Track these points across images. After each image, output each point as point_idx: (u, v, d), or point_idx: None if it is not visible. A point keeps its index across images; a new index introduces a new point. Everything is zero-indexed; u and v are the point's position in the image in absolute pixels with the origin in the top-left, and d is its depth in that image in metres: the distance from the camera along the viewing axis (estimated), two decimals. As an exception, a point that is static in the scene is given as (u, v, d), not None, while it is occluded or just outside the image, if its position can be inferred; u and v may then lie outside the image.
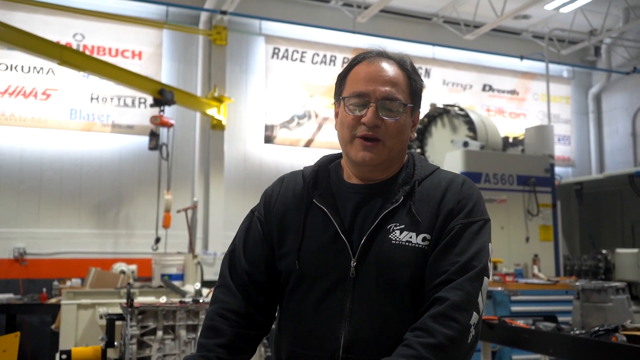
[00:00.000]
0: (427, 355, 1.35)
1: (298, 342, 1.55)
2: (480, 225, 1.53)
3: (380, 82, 1.55)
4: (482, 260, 1.48)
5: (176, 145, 8.93)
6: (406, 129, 1.59)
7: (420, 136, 7.48)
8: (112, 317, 3.11)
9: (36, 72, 8.83)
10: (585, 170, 12.59)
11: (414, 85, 1.61)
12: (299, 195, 1.62)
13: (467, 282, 1.43)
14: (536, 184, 6.53)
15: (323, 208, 1.56)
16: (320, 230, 1.55)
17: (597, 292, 3.37)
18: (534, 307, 4.94)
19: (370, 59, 1.61)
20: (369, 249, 1.50)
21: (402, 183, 1.57)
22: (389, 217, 1.52)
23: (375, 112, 1.53)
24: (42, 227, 8.69)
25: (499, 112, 12.03)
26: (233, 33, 9.95)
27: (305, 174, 1.66)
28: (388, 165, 1.60)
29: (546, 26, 11.39)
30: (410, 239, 1.49)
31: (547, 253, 6.55)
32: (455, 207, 1.52)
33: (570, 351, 3.13)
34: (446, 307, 1.40)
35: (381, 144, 1.54)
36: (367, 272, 1.49)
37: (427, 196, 1.54)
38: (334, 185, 1.62)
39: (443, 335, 1.37)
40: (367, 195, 1.57)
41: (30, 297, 7.59)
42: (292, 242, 1.58)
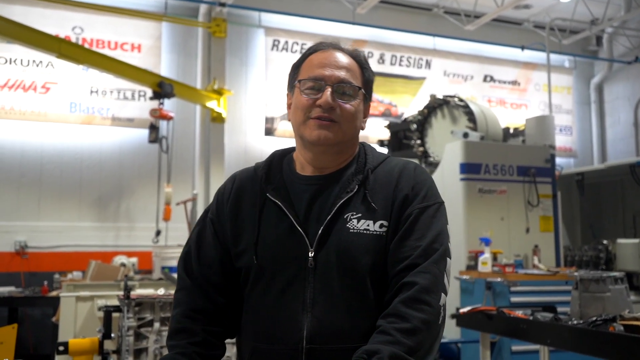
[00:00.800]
0: (404, 340, 1.37)
1: (260, 337, 1.54)
2: (436, 209, 1.56)
3: (335, 67, 1.58)
4: (442, 242, 1.51)
5: (176, 138, 8.93)
6: (359, 116, 1.62)
7: (420, 127, 7.45)
8: (109, 309, 3.12)
9: (35, 66, 8.82)
10: (587, 160, 12.56)
11: (367, 75, 1.64)
12: (252, 191, 1.62)
13: (433, 265, 1.46)
14: (536, 174, 6.49)
15: (277, 202, 1.56)
16: (276, 224, 1.55)
17: (596, 282, 3.35)
18: (533, 298, 4.93)
19: (324, 48, 1.63)
20: (326, 239, 1.51)
21: (355, 172, 1.59)
22: (344, 206, 1.53)
23: (331, 94, 1.55)
24: (43, 221, 8.71)
25: (501, 102, 11.99)
26: (232, 25, 9.91)
27: (258, 169, 1.66)
28: (340, 150, 1.60)
29: (547, 16, 11.32)
30: (368, 226, 1.51)
31: (548, 244, 6.52)
32: (410, 193, 1.55)
33: (568, 341, 3.13)
34: (416, 291, 1.42)
35: (337, 125, 1.56)
36: (327, 262, 1.50)
37: (381, 183, 1.57)
38: (287, 179, 1.62)
39: (417, 319, 1.39)
40: (321, 186, 1.58)
41: (32, 290, 7.62)
42: (248, 238, 1.57)
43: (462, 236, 6.16)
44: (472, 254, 5.86)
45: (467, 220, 6.18)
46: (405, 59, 11.18)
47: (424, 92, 10.80)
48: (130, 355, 2.96)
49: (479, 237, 5.78)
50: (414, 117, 7.65)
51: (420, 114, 7.52)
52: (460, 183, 6.27)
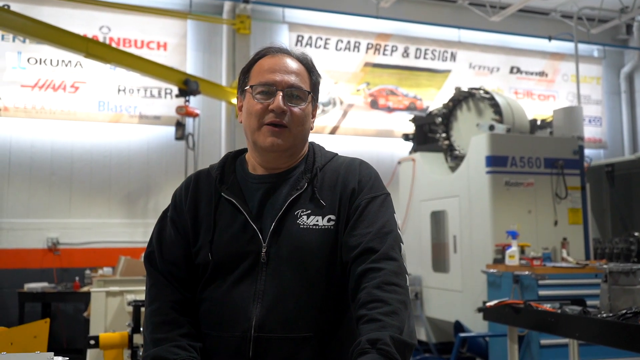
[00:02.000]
0: (392, 322, 1.42)
1: (212, 325, 1.59)
2: (383, 199, 1.64)
3: (285, 72, 1.64)
4: (392, 227, 1.58)
5: (202, 135, 9.02)
6: (308, 118, 1.68)
7: (445, 120, 7.40)
8: (138, 304, 3.18)
9: (64, 66, 8.98)
10: (618, 151, 12.32)
11: (314, 78, 1.71)
12: (208, 191, 1.69)
13: (391, 250, 1.53)
14: (564, 166, 6.40)
15: (231, 199, 1.63)
16: (230, 221, 1.62)
17: (625, 275, 3.30)
18: (562, 291, 4.88)
19: (272, 53, 1.68)
20: (278, 234, 1.58)
21: (304, 171, 1.67)
22: (295, 203, 1.61)
23: (282, 98, 1.61)
24: (74, 218, 8.88)
25: (528, 94, 11.83)
26: (256, 22, 9.96)
27: (212, 171, 1.73)
28: (292, 153, 1.68)
29: (575, 5, 11.10)
30: (317, 222, 1.59)
31: (577, 236, 6.43)
32: (356, 187, 1.63)
33: (597, 334, 3.09)
34: (386, 275, 1.48)
35: (287, 130, 1.62)
36: (279, 256, 1.57)
37: (329, 180, 1.65)
38: (240, 179, 1.69)
39: (395, 300, 1.45)
40: (273, 184, 1.66)
41: (64, 286, 7.80)
42: (204, 236, 1.63)
43: (488, 229, 6.12)
44: (499, 247, 5.82)
45: (493, 213, 6.13)
46: (429, 52, 11.10)
47: (449, 85, 10.72)
48: (159, 349, 3.01)
49: (505, 230, 5.74)
50: (439, 110, 7.60)
51: (445, 107, 7.47)
52: (487, 176, 6.22)
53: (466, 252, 6.47)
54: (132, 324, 3.13)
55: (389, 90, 10.74)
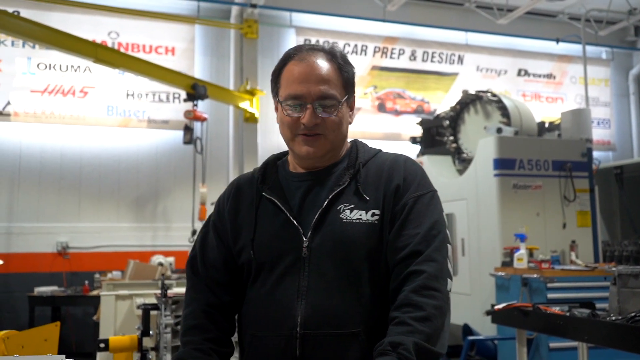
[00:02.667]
0: (422, 328, 1.41)
1: (257, 325, 1.60)
2: (430, 197, 1.61)
3: (313, 81, 1.59)
4: (440, 229, 1.56)
5: (210, 138, 9.05)
6: (344, 120, 1.66)
7: (453, 124, 7.40)
8: (147, 307, 3.20)
9: (73, 71, 9.05)
10: (627, 153, 12.26)
11: (346, 76, 1.66)
12: (250, 192, 1.70)
13: (436, 252, 1.51)
14: (573, 169, 6.39)
15: (272, 198, 1.64)
16: (272, 220, 1.62)
17: (635, 278, 3.28)
18: (571, 294, 4.86)
19: (300, 55, 1.63)
20: (320, 229, 1.57)
21: (347, 167, 1.65)
22: (337, 198, 1.59)
23: (312, 113, 1.58)
24: (83, 222, 8.94)
25: (536, 96, 11.80)
26: (264, 26, 10.00)
27: (254, 173, 1.74)
28: (331, 156, 1.67)
29: (583, 7, 11.06)
30: (360, 216, 1.57)
31: (586, 239, 6.41)
32: (402, 184, 1.60)
33: (606, 337, 3.07)
34: (425, 279, 1.47)
35: (323, 137, 1.61)
36: (321, 251, 1.55)
37: (373, 176, 1.63)
38: (281, 178, 1.69)
39: (430, 305, 1.44)
40: (314, 181, 1.65)
41: (74, 290, 7.86)
42: (246, 236, 1.64)
43: (496, 232, 6.11)
44: (507, 250, 5.81)
45: (501, 216, 6.12)
46: (437, 55, 11.10)
47: (457, 88, 10.71)
48: (168, 352, 3.05)
49: (514, 233, 5.72)
50: (447, 113, 7.60)
51: (452, 110, 7.47)
52: (494, 179, 6.21)
53: (474, 255, 6.46)
54: (142, 327, 3.14)
55: (397, 93, 10.75)
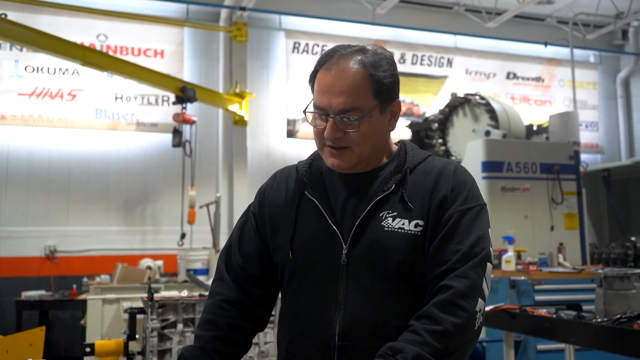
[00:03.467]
0: (432, 342, 1.36)
1: (295, 332, 1.58)
2: (477, 211, 1.53)
3: (336, 93, 1.51)
4: (483, 246, 1.48)
5: (199, 141, 9.04)
6: (376, 130, 1.56)
7: (442, 126, 7.43)
8: (134, 311, 3.18)
9: (61, 74, 9.00)
10: (615, 156, 12.35)
11: (378, 83, 1.54)
12: (292, 188, 1.65)
13: (471, 270, 1.44)
14: (560, 171, 6.42)
15: (314, 200, 1.59)
16: (312, 221, 1.57)
17: (620, 280, 3.30)
18: (558, 296, 4.89)
19: (329, 62, 1.55)
20: (360, 236, 1.52)
21: (394, 171, 1.57)
22: (380, 204, 1.53)
23: (333, 126, 1.51)
24: (72, 225, 8.88)
25: (524, 99, 11.87)
26: (253, 29, 9.99)
27: (299, 168, 1.68)
28: (366, 165, 1.59)
29: (571, 11, 11.16)
30: (402, 225, 1.50)
31: (573, 241, 6.44)
32: (449, 195, 1.52)
33: (592, 339, 3.09)
34: (451, 295, 1.41)
35: (349, 150, 1.54)
36: (360, 259, 1.51)
37: (420, 183, 1.55)
38: (326, 177, 1.63)
39: (449, 322, 1.38)
40: (359, 184, 1.59)
41: (62, 294, 7.79)
42: (285, 234, 1.60)
43: (485, 235, 6.12)
44: (496, 252, 5.82)
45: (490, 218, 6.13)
46: (426, 58, 11.14)
47: (446, 91, 10.75)
48: (154, 356, 3.03)
49: (502, 235, 5.75)
50: (435, 116, 7.63)
51: (441, 112, 7.50)
52: (483, 182, 6.23)
53: (463, 257, 6.47)
54: (128, 331, 3.13)
55: (386, 96, 10.76)
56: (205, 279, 6.25)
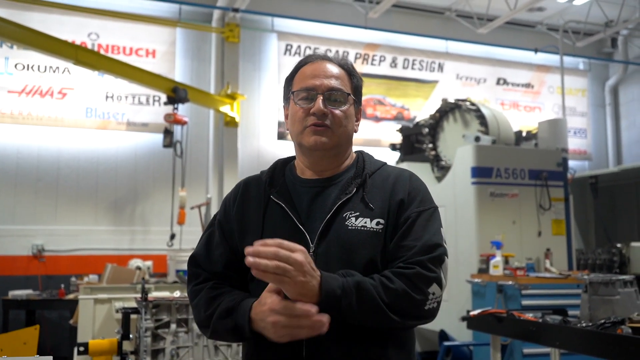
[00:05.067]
0: (381, 291, 1.49)
1: None
2: (431, 213, 1.68)
3: (325, 76, 1.70)
4: (437, 240, 1.62)
5: (190, 142, 9.04)
6: (350, 120, 1.73)
7: (432, 131, 7.47)
8: (128, 311, 3.20)
9: (52, 72, 8.98)
10: (603, 163, 12.49)
11: (355, 82, 1.76)
12: (258, 194, 1.74)
13: (429, 261, 1.57)
14: (548, 178, 6.49)
15: (280, 203, 1.68)
16: (279, 224, 1.66)
17: (605, 285, 3.36)
18: (545, 301, 4.94)
19: (313, 60, 1.75)
20: (326, 235, 1.62)
21: (354, 176, 1.71)
22: (343, 206, 1.65)
23: (323, 101, 1.67)
24: (60, 224, 8.84)
25: (514, 105, 11.97)
26: (245, 30, 10.01)
27: (262, 175, 1.79)
28: (336, 153, 1.73)
29: (561, 18, 11.30)
30: (365, 224, 1.63)
31: (560, 247, 6.51)
32: (406, 198, 1.67)
33: (577, 343, 3.15)
34: (411, 272, 1.54)
35: (330, 130, 1.68)
36: (326, 256, 1.60)
37: (378, 187, 1.69)
38: (289, 183, 1.75)
39: (401, 287, 1.51)
40: (321, 188, 1.71)
41: (49, 293, 7.75)
42: (253, 237, 1.63)
43: (473, 240, 6.18)
44: (484, 257, 5.87)
45: (478, 223, 6.19)
46: (417, 62, 11.21)
47: (437, 96, 10.83)
48: (147, 356, 3.05)
49: (490, 240, 5.80)
50: (426, 121, 7.68)
51: (432, 117, 7.54)
52: (472, 187, 6.29)
53: (451, 261, 6.47)
54: (122, 330, 3.15)
55: (377, 99, 10.83)
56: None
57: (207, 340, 3.23)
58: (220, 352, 3.27)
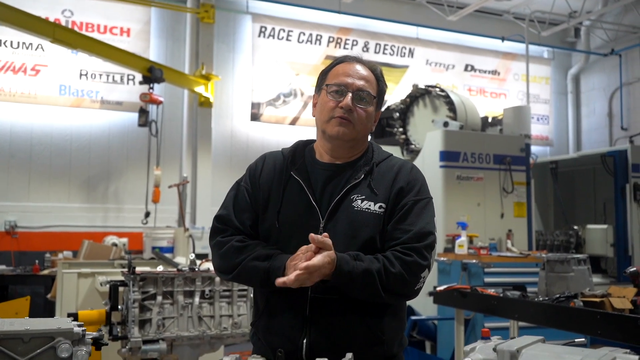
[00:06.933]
0: (383, 273, 1.75)
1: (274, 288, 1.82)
2: (426, 203, 1.93)
3: (357, 77, 1.95)
4: (430, 230, 1.87)
5: (164, 122, 9.11)
6: (370, 119, 1.98)
7: (402, 116, 7.72)
8: (116, 283, 3.39)
9: (25, 48, 8.92)
10: (563, 149, 12.97)
11: (381, 87, 2.01)
12: (279, 169, 1.99)
13: (424, 248, 1.83)
14: (512, 163, 6.82)
15: (299, 180, 1.93)
16: (296, 198, 1.92)
17: (561, 263, 3.67)
18: (506, 279, 5.25)
19: (349, 61, 1.99)
20: (335, 213, 1.88)
21: (363, 164, 1.96)
22: (352, 189, 1.90)
23: (351, 99, 1.91)
24: (33, 201, 8.87)
25: (481, 92, 12.31)
26: (220, 11, 10.07)
27: (284, 153, 2.04)
28: (353, 145, 1.97)
29: (527, 8, 11.63)
30: (369, 206, 1.88)
31: (521, 228, 6.88)
32: (405, 187, 1.92)
33: (533, 316, 3.46)
34: (410, 259, 1.80)
35: (352, 124, 1.92)
36: (334, 231, 1.84)
37: (383, 175, 1.94)
38: (308, 163, 1.99)
39: (399, 271, 1.78)
40: (335, 172, 1.95)
41: (23, 269, 7.79)
42: (273, 207, 1.93)
43: (440, 220, 6.48)
44: (450, 237, 6.18)
45: (445, 205, 6.50)
46: (389, 47, 11.43)
47: (407, 80, 11.08)
48: (135, 326, 3.23)
49: (456, 221, 6.10)
50: (397, 105, 7.91)
51: (402, 102, 7.78)
52: (440, 170, 6.58)
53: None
54: (110, 302, 3.33)
55: (349, 83, 11.00)
56: (171, 256, 6.43)
57: (191, 312, 3.41)
58: (204, 323, 3.45)
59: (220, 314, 3.47)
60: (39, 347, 1.45)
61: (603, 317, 2.94)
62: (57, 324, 1.50)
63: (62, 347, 1.46)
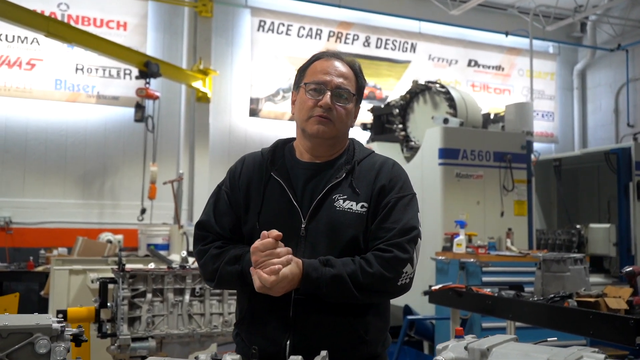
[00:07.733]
0: (359, 274, 1.72)
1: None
2: (410, 199, 1.90)
3: (335, 74, 1.91)
4: (414, 224, 1.85)
5: (161, 117, 9.01)
6: (350, 116, 1.95)
7: (402, 112, 7.59)
8: (105, 281, 3.36)
9: (20, 42, 8.83)
10: (568, 146, 12.79)
11: (360, 82, 1.98)
12: (259, 170, 1.95)
13: (406, 243, 1.80)
14: (512, 160, 6.68)
15: (279, 180, 1.89)
16: (277, 198, 1.88)
17: (557, 263, 3.54)
18: (503, 278, 5.13)
19: (327, 57, 1.95)
20: (317, 213, 1.84)
21: (344, 163, 1.93)
22: (333, 189, 1.87)
23: (330, 97, 1.88)
24: (28, 197, 8.79)
25: (484, 87, 12.16)
26: (219, 5, 9.95)
27: (264, 153, 2.00)
28: (334, 144, 1.94)
29: (532, 2, 11.44)
30: (351, 206, 1.85)
31: (521, 227, 6.73)
32: (387, 185, 1.88)
33: (528, 315, 3.36)
34: (389, 255, 1.77)
35: (332, 123, 1.89)
36: (315, 232, 1.83)
37: (364, 173, 1.91)
38: (288, 163, 1.95)
39: (378, 270, 1.74)
40: (316, 171, 1.92)
41: (17, 265, 7.72)
42: (254, 208, 1.91)
43: (439, 218, 6.35)
44: (448, 235, 6.05)
45: (444, 203, 6.37)
46: (390, 42, 11.29)
47: (409, 76, 10.93)
48: (124, 323, 3.20)
49: (455, 219, 5.97)
50: (397, 101, 7.78)
51: (402, 98, 7.65)
52: (439, 167, 6.44)
53: (417, 239, 6.68)
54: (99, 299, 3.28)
55: (350, 78, 10.87)
56: (166, 254, 6.33)
57: (181, 309, 3.38)
58: (194, 321, 3.40)
59: (210, 312, 3.45)
60: (17, 342, 1.48)
61: (596, 317, 2.88)
62: (35, 320, 1.52)
63: (40, 343, 1.49)
